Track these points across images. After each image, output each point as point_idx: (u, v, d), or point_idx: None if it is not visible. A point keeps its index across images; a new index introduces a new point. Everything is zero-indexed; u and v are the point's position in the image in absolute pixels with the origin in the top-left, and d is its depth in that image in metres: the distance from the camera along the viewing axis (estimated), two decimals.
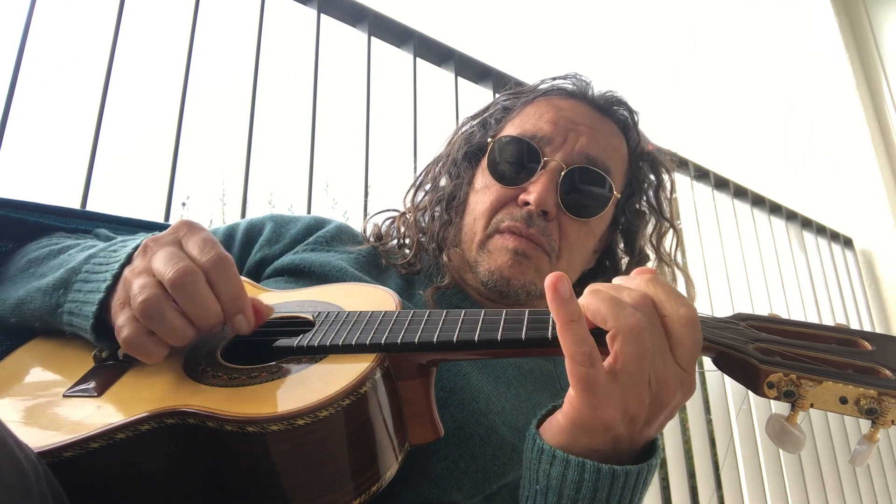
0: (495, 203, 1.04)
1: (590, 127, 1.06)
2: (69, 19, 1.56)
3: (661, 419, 0.64)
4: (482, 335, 0.67)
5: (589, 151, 1.04)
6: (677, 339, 0.61)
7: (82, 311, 0.73)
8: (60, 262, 0.83)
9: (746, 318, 0.70)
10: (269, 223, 1.11)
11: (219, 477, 0.64)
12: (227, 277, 0.67)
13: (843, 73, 3.91)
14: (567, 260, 1.04)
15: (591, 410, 0.61)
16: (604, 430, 0.62)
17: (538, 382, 1.02)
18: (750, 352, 0.62)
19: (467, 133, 1.18)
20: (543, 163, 1.02)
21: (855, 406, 0.57)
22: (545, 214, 1.00)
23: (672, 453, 2.32)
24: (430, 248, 1.11)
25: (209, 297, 0.66)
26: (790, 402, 0.60)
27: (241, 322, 0.69)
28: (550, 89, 1.14)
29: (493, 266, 1.00)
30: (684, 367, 0.62)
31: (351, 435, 0.63)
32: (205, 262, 0.67)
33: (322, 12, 1.76)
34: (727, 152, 4.04)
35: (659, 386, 0.61)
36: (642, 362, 0.59)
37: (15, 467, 0.50)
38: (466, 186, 1.12)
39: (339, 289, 0.89)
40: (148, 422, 0.62)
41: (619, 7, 4.76)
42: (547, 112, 1.08)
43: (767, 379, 0.60)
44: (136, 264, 0.70)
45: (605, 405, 0.60)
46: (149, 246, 0.70)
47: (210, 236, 0.71)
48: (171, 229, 0.72)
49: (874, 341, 0.64)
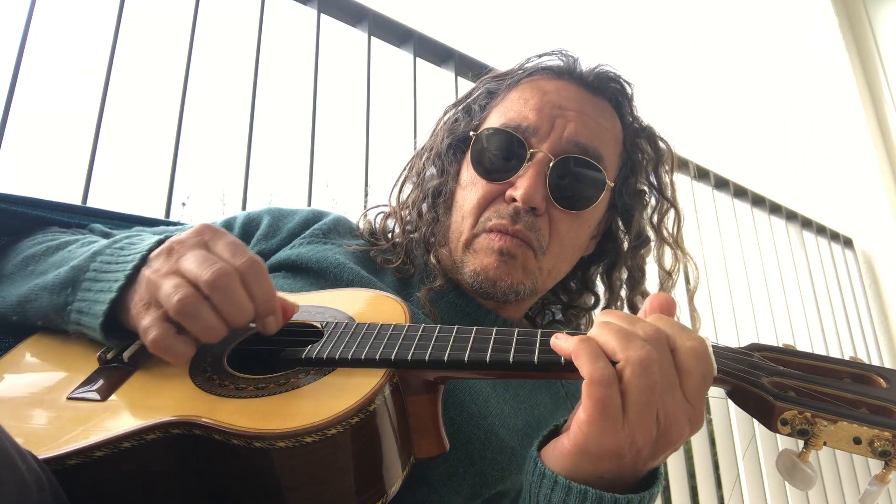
0: (482, 200, 0.99)
1: (578, 111, 1.00)
2: (70, 18, 1.56)
3: (668, 453, 0.64)
4: (493, 356, 0.67)
5: (578, 138, 0.98)
6: (686, 372, 0.61)
7: (92, 310, 0.73)
8: (62, 259, 0.82)
9: (760, 349, 0.69)
10: (266, 216, 1.09)
11: (223, 489, 0.63)
12: (260, 280, 0.69)
13: (843, 73, 3.91)
14: (556, 254, 0.99)
15: (600, 437, 0.60)
16: (609, 458, 0.61)
17: (537, 383, 1.01)
18: (765, 387, 0.61)
19: (451, 122, 1.12)
20: (530, 154, 0.97)
21: (868, 447, 0.57)
22: (534, 210, 0.95)
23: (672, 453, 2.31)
24: (417, 250, 1.07)
25: (245, 297, 0.67)
26: (804, 439, 0.59)
27: (272, 322, 0.71)
28: (535, 69, 1.08)
29: (479, 267, 0.96)
30: (692, 402, 0.62)
31: (359, 452, 0.62)
32: (240, 266, 0.68)
33: (322, 12, 1.76)
34: (727, 152, 4.04)
35: (668, 421, 0.61)
36: (651, 395, 0.59)
37: (16, 479, 0.49)
38: (452, 182, 1.07)
39: (347, 295, 0.87)
40: (154, 431, 0.61)
41: (619, 7, 4.76)
42: (532, 97, 1.02)
43: (782, 416, 0.60)
44: (158, 265, 0.70)
45: (614, 433, 0.60)
46: (174, 248, 0.70)
47: (237, 240, 0.72)
48: (193, 232, 0.72)
49: (889, 378, 0.63)
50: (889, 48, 4.00)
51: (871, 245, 3.83)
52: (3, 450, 0.49)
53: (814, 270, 3.46)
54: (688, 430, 0.62)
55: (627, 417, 0.59)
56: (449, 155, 1.09)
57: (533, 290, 0.99)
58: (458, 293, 1.03)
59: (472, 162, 1.02)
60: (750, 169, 3.82)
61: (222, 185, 5.83)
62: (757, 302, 2.98)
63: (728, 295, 2.85)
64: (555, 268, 1.01)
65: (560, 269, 1.04)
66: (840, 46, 3.94)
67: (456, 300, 1.02)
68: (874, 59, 4.02)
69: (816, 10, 4.05)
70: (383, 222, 1.12)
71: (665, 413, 0.60)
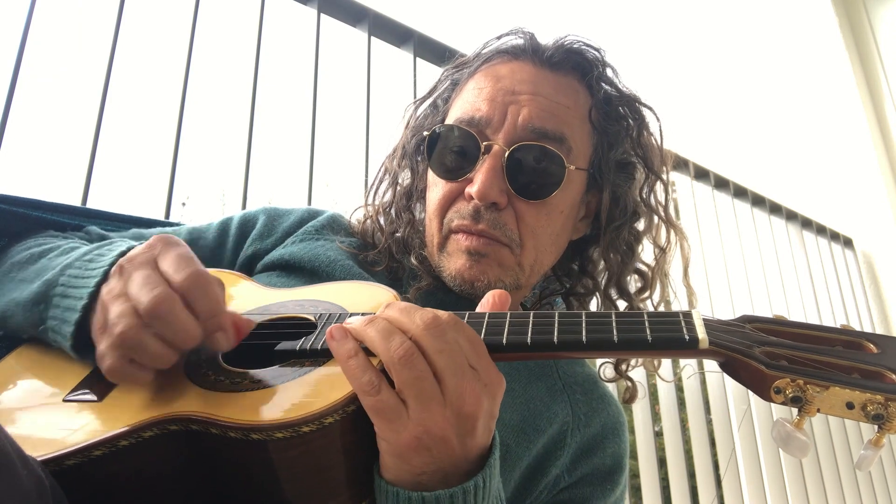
0: (443, 201, 0.96)
1: (532, 93, 0.95)
2: (70, 18, 1.56)
3: (481, 426, 0.63)
4: (487, 339, 0.67)
5: (533, 123, 0.93)
6: (436, 348, 0.61)
7: (62, 331, 0.72)
8: (39, 269, 0.81)
9: (752, 321, 0.69)
10: (262, 216, 1.08)
11: (221, 483, 0.63)
12: (204, 296, 0.65)
13: (843, 73, 3.91)
14: (533, 245, 0.96)
15: (395, 435, 0.60)
16: (414, 452, 0.61)
17: (532, 374, 0.99)
18: (757, 356, 0.62)
19: (420, 118, 1.09)
20: (485, 147, 0.93)
21: (862, 411, 0.57)
22: (495, 205, 0.92)
23: (672, 453, 2.32)
24: (400, 250, 1.05)
25: (188, 321, 0.64)
26: (797, 407, 0.60)
27: (221, 340, 0.67)
28: (491, 54, 1.03)
29: (454, 270, 0.94)
30: (475, 366, 0.62)
31: (356, 440, 0.63)
32: (181, 282, 0.64)
33: (322, 12, 1.76)
34: (727, 152, 4.04)
35: (460, 398, 0.60)
36: (421, 384, 0.59)
37: (17, 486, 0.49)
38: (421, 181, 1.05)
39: (340, 287, 0.87)
40: (151, 428, 0.61)
41: (619, 8, 4.76)
42: (485, 86, 0.97)
43: (774, 384, 0.60)
44: (112, 285, 0.67)
45: (404, 428, 0.60)
46: (124, 267, 0.68)
47: (186, 252, 0.68)
48: (145, 246, 0.69)
49: (880, 344, 0.64)
50: (889, 48, 4.01)
51: (871, 245, 3.83)
52: (5, 457, 0.49)
53: (814, 270, 3.46)
54: (485, 397, 0.62)
55: (408, 408, 0.60)
56: (417, 154, 1.07)
57: (515, 285, 0.97)
58: (446, 291, 1.01)
59: (431, 161, 0.99)
60: (750, 169, 3.82)
61: (222, 185, 5.84)
62: (757, 302, 2.99)
63: (728, 295, 2.86)
64: (537, 261, 0.98)
65: (543, 262, 1.00)
66: (840, 46, 3.94)
67: (444, 298, 1.01)
68: (874, 59, 4.03)
69: (816, 10, 4.06)
70: (363, 224, 1.10)
71: (450, 392, 0.60)
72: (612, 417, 1.02)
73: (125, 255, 0.71)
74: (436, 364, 0.60)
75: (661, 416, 2.41)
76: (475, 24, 5.54)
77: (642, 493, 2.17)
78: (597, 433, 0.99)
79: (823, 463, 2.96)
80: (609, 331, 0.65)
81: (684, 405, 2.53)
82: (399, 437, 0.60)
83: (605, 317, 0.67)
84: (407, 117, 1.13)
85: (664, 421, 2.38)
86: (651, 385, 2.41)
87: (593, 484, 0.97)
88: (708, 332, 0.64)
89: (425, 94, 1.12)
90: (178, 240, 0.70)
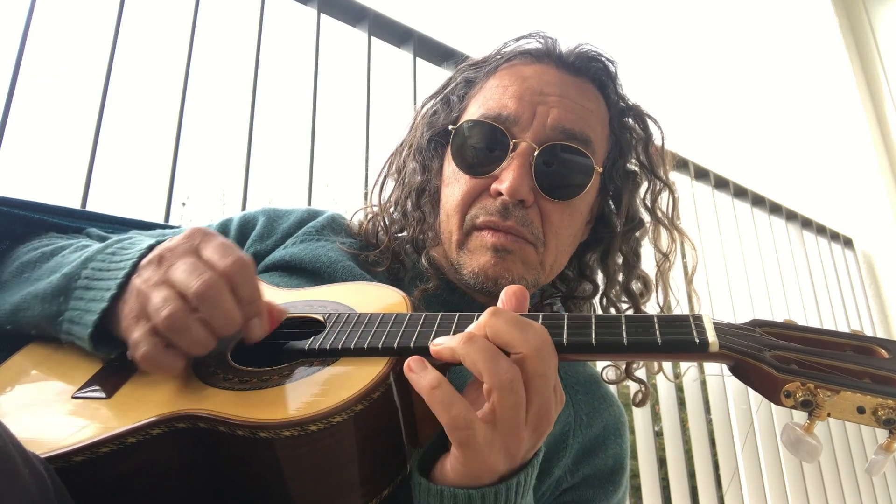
0: (466, 197, 0.95)
1: (560, 95, 0.95)
2: (70, 18, 1.56)
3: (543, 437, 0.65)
4: None
5: (563, 124, 0.93)
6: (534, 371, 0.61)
7: (82, 320, 0.72)
8: (54, 266, 0.81)
9: (762, 325, 0.69)
10: (261, 217, 1.08)
11: (229, 481, 0.63)
12: (247, 281, 0.67)
13: (844, 73, 3.91)
14: (555, 245, 0.96)
15: (479, 461, 0.61)
16: (489, 473, 0.62)
17: None
18: (767, 360, 0.61)
19: (430, 115, 1.07)
20: (513, 145, 0.93)
21: (873, 416, 0.57)
22: (522, 202, 0.92)
23: (672, 453, 2.32)
24: (405, 250, 1.04)
25: (233, 307, 0.66)
26: (807, 411, 0.59)
27: (256, 326, 0.69)
28: (513, 54, 1.03)
29: (477, 267, 0.93)
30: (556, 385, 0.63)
31: (364, 440, 0.63)
32: (226, 268, 0.66)
33: (322, 12, 1.76)
34: (727, 152, 4.04)
35: (539, 420, 0.62)
36: (518, 411, 0.60)
37: (17, 486, 0.49)
38: (436, 178, 1.03)
39: (348, 288, 0.87)
40: (158, 426, 0.61)
41: (619, 8, 4.76)
42: (511, 84, 0.97)
43: (784, 388, 0.60)
44: (148, 275, 0.68)
45: (489, 453, 0.60)
46: (164, 256, 0.69)
47: (226, 240, 0.70)
48: (184, 237, 0.71)
49: (891, 349, 0.63)
50: (889, 48, 4.01)
51: (871, 245, 3.83)
52: (6, 456, 0.49)
53: (814, 270, 3.46)
54: (553, 406, 0.63)
55: (499, 434, 0.60)
56: (430, 150, 1.05)
57: (535, 284, 0.97)
58: (451, 290, 1.01)
59: (454, 156, 0.99)
60: (750, 169, 3.82)
61: (222, 185, 5.83)
62: (757, 302, 2.99)
63: (728, 295, 2.86)
64: (556, 261, 0.99)
65: (561, 263, 1.01)
66: (840, 46, 3.94)
67: (449, 298, 1.00)
68: (874, 59, 4.03)
69: (816, 10, 4.06)
70: (366, 224, 1.09)
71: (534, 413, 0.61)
72: (614, 418, 1.02)
73: (153, 248, 0.72)
74: (532, 387, 0.61)
75: (661, 416, 2.41)
76: (475, 25, 5.54)
77: (642, 493, 2.17)
78: (598, 434, 0.99)
79: (824, 463, 2.96)
80: (619, 333, 0.65)
81: (684, 405, 2.53)
82: (483, 462, 0.61)
83: (614, 319, 0.68)
84: (414, 114, 1.12)
85: (664, 421, 2.38)
86: (651, 385, 2.41)
87: (595, 486, 0.97)
88: (718, 335, 0.63)
89: (436, 90, 1.11)
90: (215, 231, 0.72)
